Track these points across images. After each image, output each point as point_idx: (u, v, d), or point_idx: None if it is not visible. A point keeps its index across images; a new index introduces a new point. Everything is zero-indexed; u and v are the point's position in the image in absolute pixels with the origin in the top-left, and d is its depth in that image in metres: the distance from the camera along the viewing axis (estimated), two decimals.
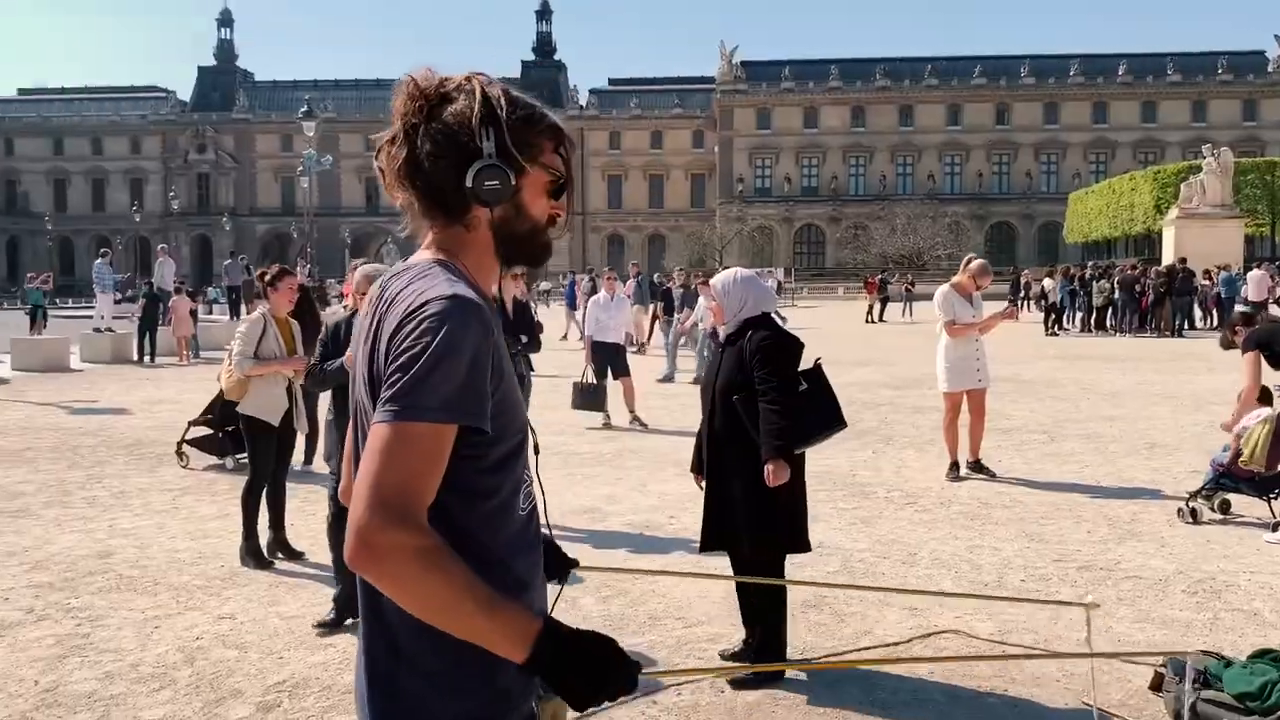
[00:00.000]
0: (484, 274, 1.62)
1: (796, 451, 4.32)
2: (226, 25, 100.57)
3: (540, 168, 1.60)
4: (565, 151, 1.64)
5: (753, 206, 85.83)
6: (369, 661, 1.57)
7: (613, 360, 11.86)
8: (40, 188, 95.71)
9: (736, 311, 4.49)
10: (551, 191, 1.63)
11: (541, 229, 1.63)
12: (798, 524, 4.42)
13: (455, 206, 1.57)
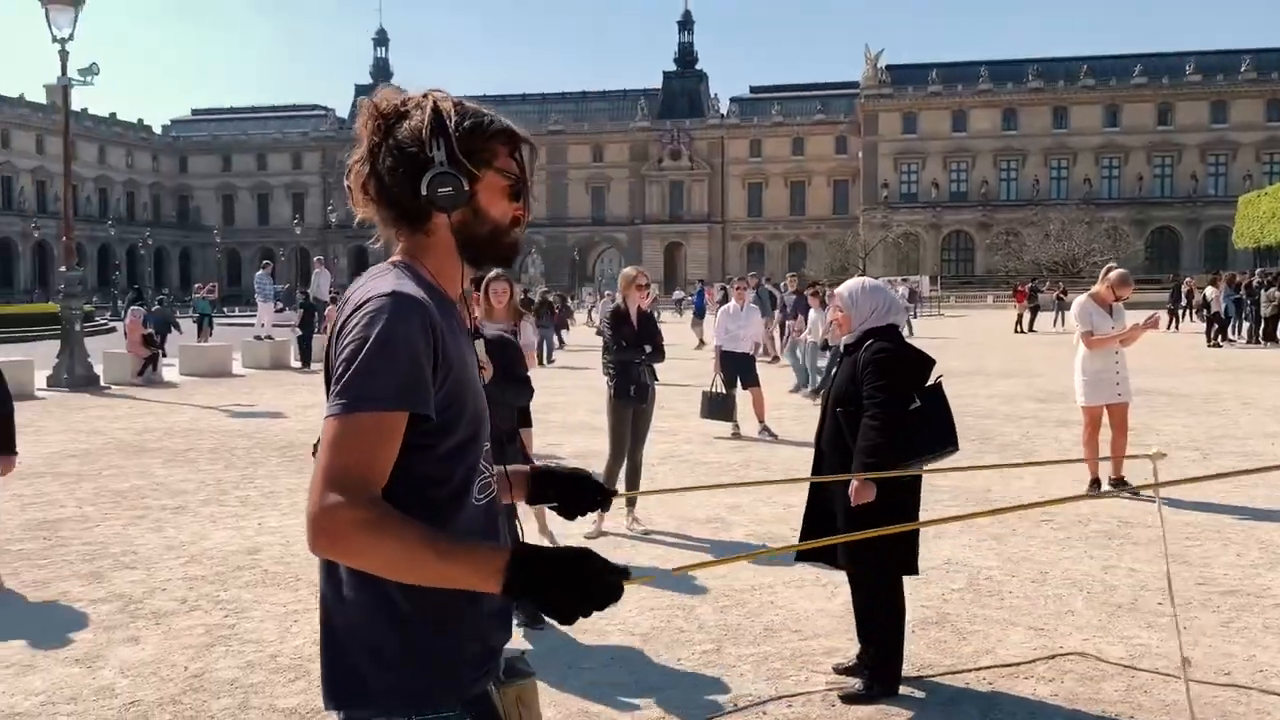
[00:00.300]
0: (447, 276, 1.72)
1: (905, 469, 4.19)
2: (382, 45, 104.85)
3: (495, 172, 1.68)
4: (521, 155, 1.72)
5: (898, 212, 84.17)
6: (322, 634, 1.68)
7: (742, 370, 11.85)
8: (210, 202, 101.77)
9: (864, 320, 4.39)
10: (512, 194, 1.71)
11: (503, 229, 1.72)
12: (904, 544, 4.30)
13: (416, 215, 1.67)
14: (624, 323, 7.19)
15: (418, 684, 1.63)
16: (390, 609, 1.61)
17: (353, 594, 1.62)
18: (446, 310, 1.66)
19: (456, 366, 1.63)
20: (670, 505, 8.11)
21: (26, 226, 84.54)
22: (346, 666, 1.64)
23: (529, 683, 1.83)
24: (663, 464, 9.95)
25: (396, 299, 1.57)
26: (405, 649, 1.62)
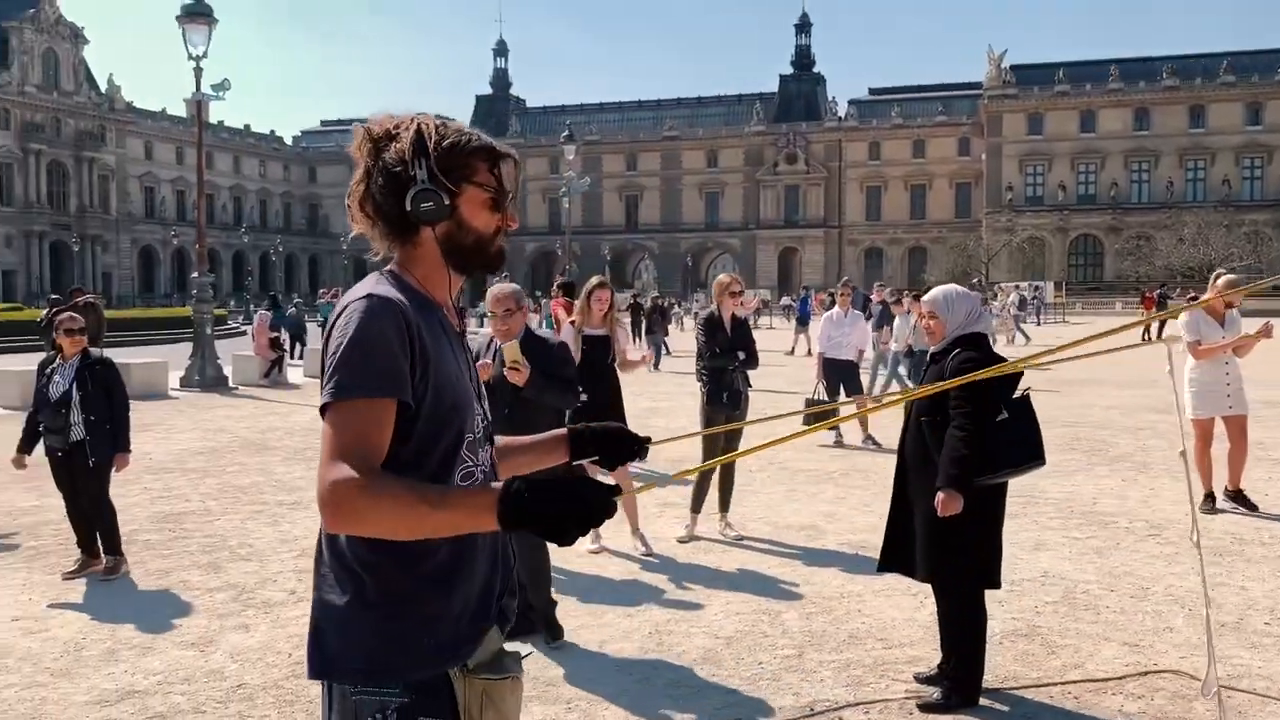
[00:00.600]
0: (435, 283, 1.87)
1: (985, 484, 4.13)
2: (501, 55, 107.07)
3: (475, 186, 1.82)
4: (499, 169, 1.85)
5: (1023, 216, 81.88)
6: (311, 613, 1.84)
7: (846, 378, 11.76)
8: (337, 210, 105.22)
9: (958, 326, 4.34)
10: (494, 205, 1.85)
11: (487, 239, 1.86)
12: (986, 557, 4.23)
13: (405, 229, 1.83)
14: (718, 329, 7.25)
15: (369, 662, 1.77)
16: (361, 595, 1.77)
17: (333, 579, 1.80)
18: (429, 313, 1.82)
19: (434, 362, 1.76)
20: (766, 512, 8.13)
21: (166, 234, 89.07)
22: (323, 642, 1.80)
23: (504, 682, 1.90)
24: (762, 471, 9.97)
25: (370, 301, 1.74)
26: (366, 631, 1.77)
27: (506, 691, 1.91)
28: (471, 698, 1.85)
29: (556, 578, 6.33)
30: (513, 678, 1.93)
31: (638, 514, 7.29)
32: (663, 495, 8.71)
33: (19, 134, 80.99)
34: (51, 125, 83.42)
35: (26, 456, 6.49)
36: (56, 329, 6.54)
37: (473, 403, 1.87)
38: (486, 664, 1.88)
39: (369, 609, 1.77)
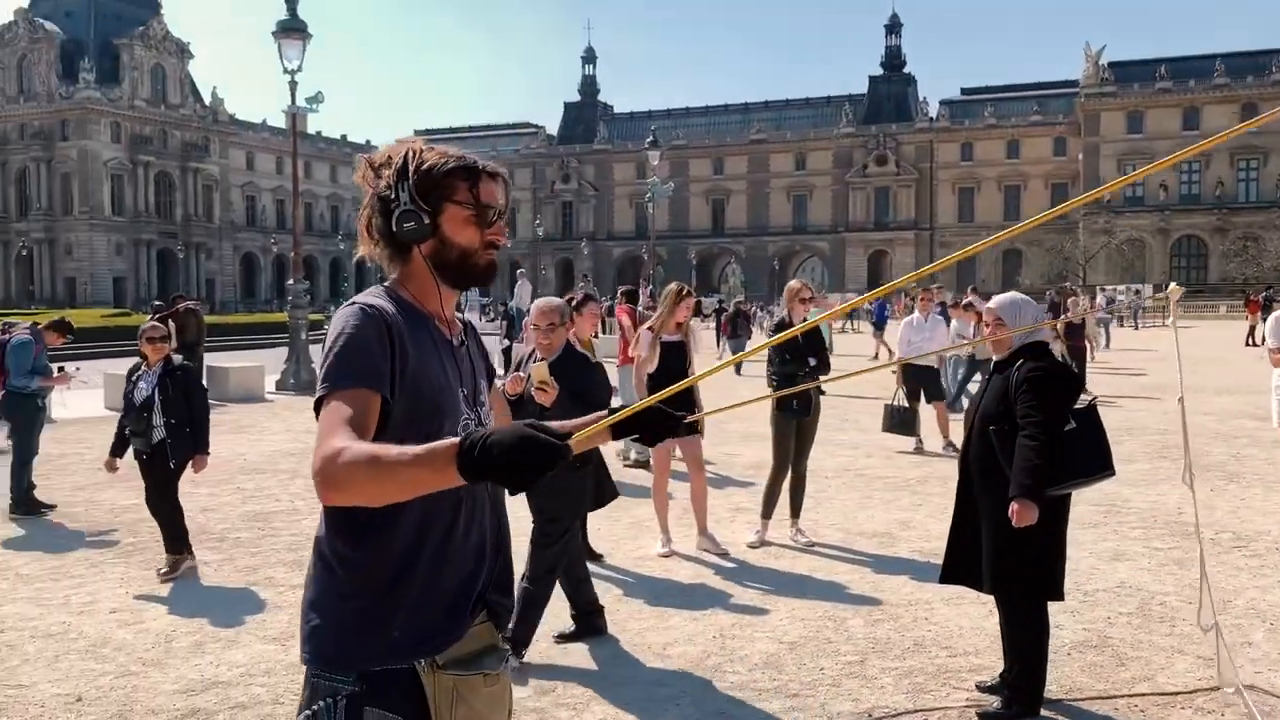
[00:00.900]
0: (427, 296, 2.01)
1: (1053, 494, 4.09)
2: (590, 62, 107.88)
3: (455, 205, 1.96)
4: (479, 188, 1.97)
5: (1122, 217, 79.56)
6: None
7: (927, 383, 11.62)
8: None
9: (1022, 337, 4.30)
10: (480, 221, 1.98)
11: (472, 253, 1.99)
12: (1050, 568, 4.17)
13: (398, 249, 1.99)
14: None
15: (331, 650, 1.90)
16: (333, 586, 1.92)
17: (314, 570, 1.96)
18: (419, 324, 1.96)
19: (415, 367, 1.90)
20: (840, 519, 8.12)
21: (266, 241, 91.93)
22: (305, 625, 1.95)
23: (474, 678, 1.95)
24: (838, 477, 9.93)
25: (355, 309, 1.91)
26: (334, 620, 1.90)
27: (479, 687, 1.96)
28: (440, 693, 1.91)
29: (624, 580, 6.46)
30: (484, 674, 1.97)
31: (707, 516, 7.35)
32: (735, 500, 8.76)
33: (129, 146, 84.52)
34: (159, 137, 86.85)
35: (118, 460, 6.82)
36: (140, 337, 6.83)
37: (459, 408, 1.99)
38: (461, 660, 1.94)
39: (339, 600, 1.90)
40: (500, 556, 2.06)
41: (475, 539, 1.99)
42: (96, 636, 5.47)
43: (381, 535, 1.90)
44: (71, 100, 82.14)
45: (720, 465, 10.51)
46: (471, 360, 2.10)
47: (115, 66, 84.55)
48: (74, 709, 4.51)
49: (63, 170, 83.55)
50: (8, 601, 6.14)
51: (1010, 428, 4.11)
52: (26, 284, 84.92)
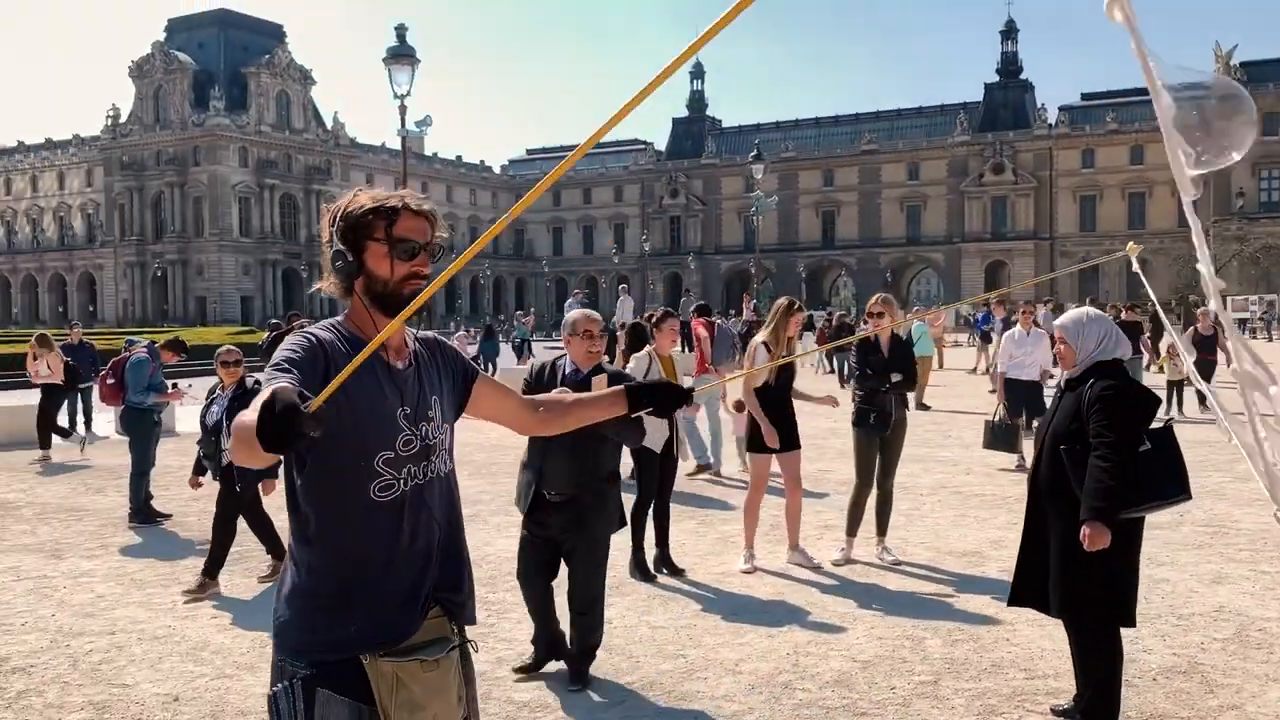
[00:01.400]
0: (363, 323, 2.24)
1: (1125, 517, 3.95)
2: (698, 78, 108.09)
3: (375, 242, 2.20)
4: (394, 225, 2.20)
5: (1256, 224, 75.84)
6: None
7: (1029, 399, 11.32)
8: (541, 234, 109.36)
9: (1089, 354, 4.21)
10: (401, 255, 2.21)
11: (396, 284, 2.21)
12: (1121, 593, 4.04)
13: (343, 287, 2.26)
14: (873, 349, 7.20)
15: (291, 638, 2.17)
16: (296, 584, 2.19)
17: (287, 573, 2.24)
18: (358, 349, 2.07)
19: (350, 393, 2.06)
20: (930, 537, 7.99)
21: None
22: (275, 618, 2.22)
23: (411, 663, 2.15)
24: (933, 494, 9.77)
25: (300, 335, 2.20)
26: (294, 612, 2.18)
27: (417, 673, 2.15)
28: (380, 679, 2.12)
29: (704, 595, 6.49)
30: (421, 660, 2.16)
31: (799, 532, 7.32)
32: (824, 518, 8.69)
33: (255, 170, 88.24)
34: (283, 161, 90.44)
35: (201, 479, 7.12)
36: (215, 360, 7.08)
37: (395, 425, 2.20)
38: (401, 649, 2.15)
39: (298, 596, 2.18)
40: (450, 559, 2.29)
41: (422, 545, 2.22)
42: (197, 640, 5.76)
43: (332, 543, 2.17)
44: (203, 127, 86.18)
45: (813, 482, 10.43)
46: (420, 383, 2.29)
47: (243, 94, 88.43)
48: (170, 708, 4.76)
49: (195, 194, 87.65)
50: (120, 605, 6.51)
51: (1082, 447, 3.99)
52: (161, 303, 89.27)
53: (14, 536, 8.60)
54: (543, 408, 2.64)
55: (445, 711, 2.22)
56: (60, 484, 11.33)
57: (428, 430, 2.26)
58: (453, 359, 2.44)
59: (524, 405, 2.62)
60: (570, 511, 4.97)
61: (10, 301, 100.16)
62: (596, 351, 5.04)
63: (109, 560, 7.75)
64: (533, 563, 5.13)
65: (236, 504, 6.83)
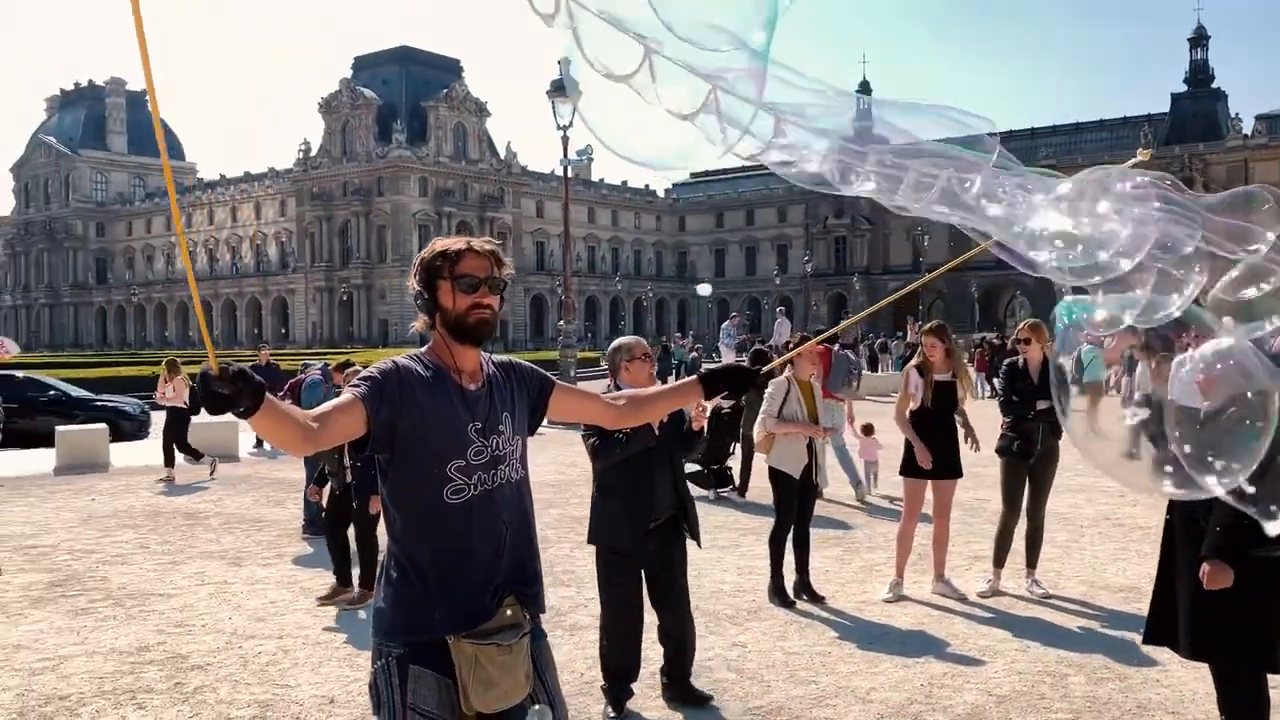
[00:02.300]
0: (442, 352, 2.60)
1: (1263, 555, 3.75)
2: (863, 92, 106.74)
3: (442, 280, 2.56)
4: (457, 265, 2.55)
5: None
6: None
7: None
8: (704, 256, 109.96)
9: None
10: (466, 290, 2.55)
11: (460, 316, 2.56)
12: (1261, 635, 3.81)
13: (426, 322, 2.63)
14: (1020, 376, 7.01)
15: (386, 623, 2.52)
16: (389, 575, 2.54)
17: (388, 563, 2.57)
18: (440, 375, 2.56)
19: (421, 406, 2.50)
20: (1085, 570, 7.70)
21: (554, 284, 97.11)
22: (374, 605, 2.60)
23: (488, 647, 2.47)
24: (1094, 526, 9.39)
25: (383, 363, 2.58)
26: (390, 601, 2.52)
27: (493, 655, 2.48)
28: (461, 658, 2.46)
29: (842, 623, 6.46)
30: (498, 645, 2.48)
31: (945, 562, 7.20)
32: (975, 549, 8.47)
33: (434, 199, 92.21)
34: (460, 190, 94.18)
35: (321, 489, 7.51)
36: (338, 375, 7.47)
37: (466, 438, 2.53)
38: (481, 632, 2.48)
39: (392, 586, 2.52)
40: (521, 555, 2.61)
41: (493, 541, 2.55)
42: (357, 645, 6.13)
43: (415, 540, 2.53)
44: (386, 159, 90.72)
45: (967, 510, 10.19)
46: (493, 401, 2.62)
47: (423, 127, 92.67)
48: (325, 709, 5.10)
49: (378, 222, 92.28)
50: (289, 611, 6.99)
51: None
52: (346, 325, 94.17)
53: (201, 544, 9.32)
54: (625, 401, 2.98)
55: (514, 689, 2.52)
56: (245, 496, 12.18)
57: (498, 442, 2.58)
58: (526, 376, 2.78)
59: (604, 403, 2.97)
60: (668, 531, 5.03)
61: (211, 324, 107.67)
62: (647, 375, 4.99)
63: (282, 568, 8.31)
64: (630, 590, 5.04)
65: (371, 517, 7.09)
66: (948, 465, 6.98)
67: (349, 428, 2.45)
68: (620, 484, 4.91)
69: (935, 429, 6.95)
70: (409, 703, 2.45)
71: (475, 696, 2.46)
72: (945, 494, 7.10)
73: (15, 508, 11.22)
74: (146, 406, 20.17)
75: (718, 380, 2.86)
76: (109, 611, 6.99)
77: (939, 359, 7.01)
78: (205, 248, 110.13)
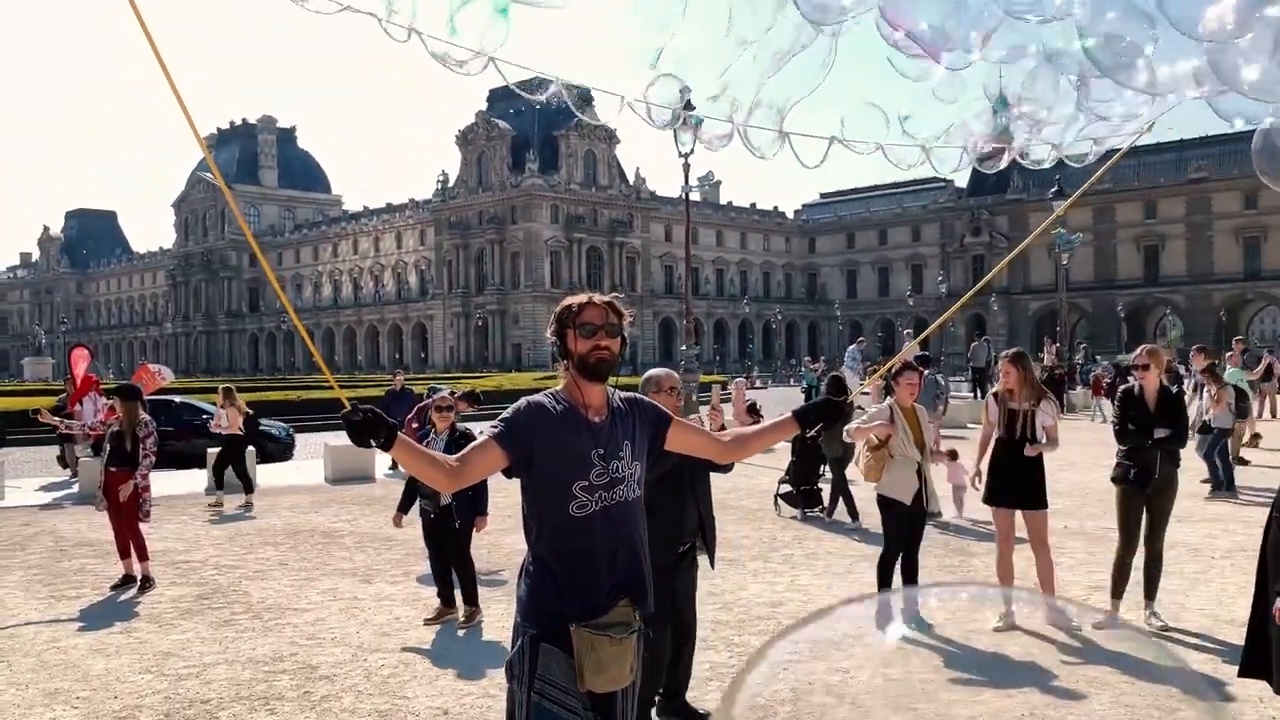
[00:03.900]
0: (572, 390, 3.09)
1: None
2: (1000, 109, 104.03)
3: (571, 329, 3.06)
4: (580, 315, 3.06)
5: None
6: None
7: None
8: (835, 278, 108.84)
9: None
10: (587, 335, 3.03)
11: (584, 357, 3.05)
12: None
13: (563, 366, 3.14)
14: (1134, 403, 6.86)
15: (524, 607, 3.04)
16: (528, 570, 3.06)
17: (528, 560, 3.08)
18: (569, 410, 3.05)
19: (555, 438, 2.99)
20: (1212, 604, 7.45)
21: (682, 306, 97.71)
22: (518, 593, 3.13)
23: (601, 637, 2.91)
24: (1227, 558, 9.04)
25: (523, 401, 3.10)
26: (527, 590, 3.04)
27: (606, 644, 2.92)
28: (580, 644, 2.91)
29: (949, 650, 6.43)
30: (610, 636, 2.93)
31: (1055, 593, 7.08)
32: (1096, 578, 8.28)
33: (565, 225, 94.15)
34: (590, 216, 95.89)
35: (404, 516, 7.70)
36: (431, 406, 7.71)
37: (589, 462, 2.99)
38: (598, 624, 2.93)
39: (529, 579, 3.04)
40: (634, 563, 3.04)
41: (611, 549, 2.99)
42: (471, 661, 6.43)
43: (546, 544, 3.01)
44: (519, 188, 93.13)
45: (1091, 539, 9.94)
46: (615, 430, 3.06)
47: (554, 155, 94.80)
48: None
49: (512, 250, 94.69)
50: (412, 627, 7.36)
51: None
52: (482, 350, 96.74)
53: (336, 562, 9.85)
54: (730, 438, 3.48)
55: (620, 675, 2.97)
56: (379, 515, 12.72)
57: (618, 466, 3.03)
58: (648, 410, 3.24)
59: (713, 439, 3.48)
60: (690, 556, 5.30)
61: (355, 349, 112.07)
62: (677, 407, 4.97)
63: (408, 586, 8.72)
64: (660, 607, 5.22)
65: (465, 537, 7.45)
66: (1026, 496, 6.86)
67: (490, 466, 3.02)
68: (657, 504, 5.06)
69: (1013, 458, 6.85)
70: (537, 673, 2.91)
71: (589, 677, 2.90)
72: (1037, 526, 6.96)
73: (169, 525, 12.03)
74: (291, 430, 21.24)
75: (810, 414, 3.30)
76: (249, 623, 7.49)
77: (1015, 385, 6.92)
78: (350, 276, 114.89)
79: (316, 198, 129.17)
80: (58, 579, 9.28)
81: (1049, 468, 7.18)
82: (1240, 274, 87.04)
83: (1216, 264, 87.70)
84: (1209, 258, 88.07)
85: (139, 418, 8.84)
